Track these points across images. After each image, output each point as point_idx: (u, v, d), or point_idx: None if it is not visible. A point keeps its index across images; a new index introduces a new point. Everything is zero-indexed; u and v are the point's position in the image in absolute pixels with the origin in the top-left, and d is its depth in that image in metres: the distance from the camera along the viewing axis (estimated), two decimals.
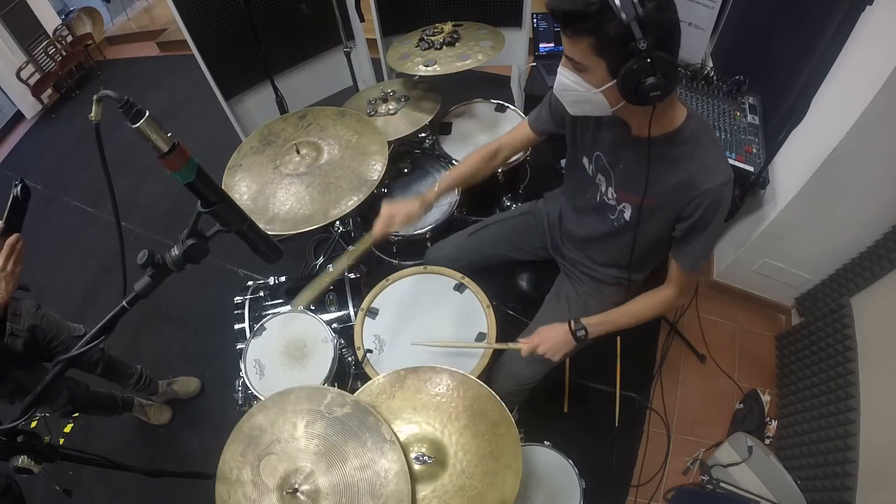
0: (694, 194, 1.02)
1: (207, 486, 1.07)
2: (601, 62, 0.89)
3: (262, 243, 0.91)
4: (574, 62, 0.93)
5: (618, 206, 1.20)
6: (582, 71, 0.93)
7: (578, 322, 1.25)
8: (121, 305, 0.84)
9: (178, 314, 2.42)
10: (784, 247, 1.90)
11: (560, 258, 1.51)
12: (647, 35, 0.82)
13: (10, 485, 1.47)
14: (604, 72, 0.90)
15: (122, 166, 3.14)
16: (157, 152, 0.70)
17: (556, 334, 1.27)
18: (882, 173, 1.52)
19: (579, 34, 0.88)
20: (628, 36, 0.82)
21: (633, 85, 0.87)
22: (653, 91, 0.86)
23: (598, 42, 0.87)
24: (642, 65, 0.84)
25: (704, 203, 1.02)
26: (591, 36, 0.86)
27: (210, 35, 2.04)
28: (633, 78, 0.86)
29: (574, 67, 0.94)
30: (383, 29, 2.34)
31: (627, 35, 0.82)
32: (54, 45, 4.10)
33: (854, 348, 1.62)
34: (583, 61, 0.91)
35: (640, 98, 0.88)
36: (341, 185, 1.58)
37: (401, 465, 1.00)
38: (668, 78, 0.85)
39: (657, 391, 2.00)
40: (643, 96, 0.87)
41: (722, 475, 1.75)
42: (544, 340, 1.27)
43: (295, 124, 1.80)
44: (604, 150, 1.17)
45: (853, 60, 1.48)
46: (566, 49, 0.93)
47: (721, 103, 1.88)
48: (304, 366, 1.42)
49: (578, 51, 0.90)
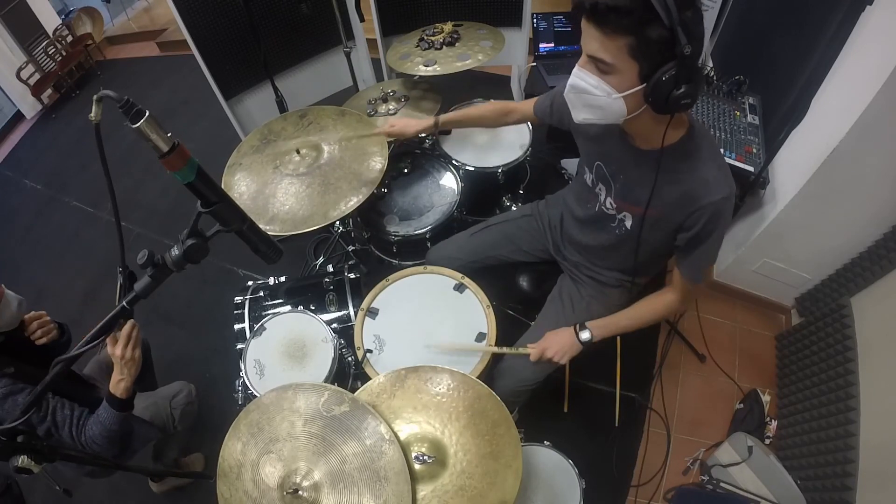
0: (694, 208, 1.01)
1: (208, 486, 1.07)
2: (634, 65, 0.85)
3: (262, 243, 0.91)
4: (600, 63, 0.87)
5: (617, 216, 1.20)
6: (607, 73, 0.88)
7: (584, 326, 1.26)
8: (121, 305, 0.84)
9: (178, 314, 2.42)
10: (784, 247, 1.90)
11: (562, 260, 1.51)
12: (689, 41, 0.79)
13: (10, 485, 1.47)
14: (634, 75, 0.86)
15: (122, 166, 3.14)
16: (157, 152, 0.70)
17: (563, 338, 1.27)
18: (882, 173, 1.52)
19: (618, 32, 0.82)
20: (670, 40, 0.79)
21: (666, 92, 0.83)
22: (684, 99, 0.83)
23: (636, 43, 0.82)
24: (682, 71, 0.81)
25: (704, 217, 1.01)
26: (630, 35, 0.82)
27: (210, 35, 2.04)
28: (667, 85, 0.83)
29: (598, 69, 0.89)
30: (383, 29, 2.34)
31: (669, 39, 0.79)
32: (54, 45, 4.10)
33: (854, 348, 1.62)
34: (614, 62, 0.86)
35: (668, 106, 0.85)
36: (341, 186, 1.58)
37: (401, 464, 1.00)
38: (699, 87, 0.84)
39: (657, 391, 2.00)
40: (673, 104, 0.84)
41: (722, 475, 1.75)
42: (552, 345, 1.28)
43: (295, 123, 1.80)
44: (604, 160, 1.17)
45: (853, 60, 1.48)
46: (592, 48, 0.87)
47: (721, 103, 1.88)
48: (304, 366, 1.42)
49: (611, 50, 0.84)
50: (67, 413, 1.27)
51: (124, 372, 1.23)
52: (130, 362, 1.22)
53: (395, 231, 1.79)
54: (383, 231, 1.81)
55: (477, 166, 1.85)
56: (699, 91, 0.85)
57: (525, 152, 1.87)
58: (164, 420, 1.62)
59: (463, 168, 1.86)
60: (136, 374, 1.26)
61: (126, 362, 1.22)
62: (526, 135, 1.94)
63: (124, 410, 1.28)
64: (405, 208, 1.86)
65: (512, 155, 1.86)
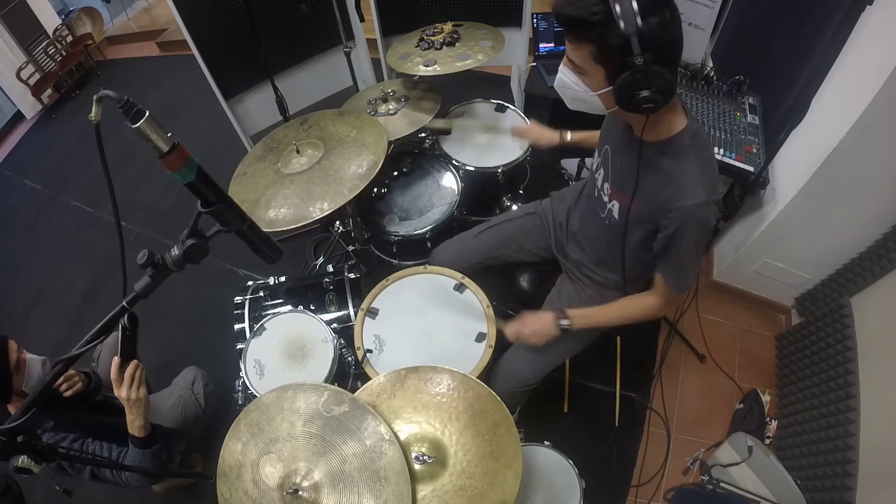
0: (668, 209, 1.03)
1: (208, 486, 1.07)
2: (600, 69, 0.92)
3: (262, 243, 0.91)
4: (574, 64, 0.96)
5: (608, 204, 1.21)
6: (581, 74, 0.96)
7: (565, 313, 1.28)
8: (121, 305, 0.84)
9: (178, 314, 2.42)
10: (784, 247, 1.90)
11: (563, 259, 1.51)
12: (647, 49, 0.83)
13: (10, 485, 1.47)
14: (602, 78, 0.93)
15: (122, 166, 3.14)
16: (157, 152, 0.70)
17: (540, 321, 1.30)
18: (882, 173, 1.52)
19: (581, 40, 0.90)
20: (628, 48, 0.83)
21: (627, 95, 0.89)
22: (646, 103, 0.88)
23: (598, 50, 0.89)
24: (638, 78, 0.86)
25: (675, 222, 1.02)
26: (592, 44, 0.89)
27: (210, 35, 2.04)
28: (627, 89, 0.88)
29: (574, 69, 0.97)
30: (383, 29, 2.34)
31: (627, 47, 0.83)
32: (54, 45, 4.10)
33: (854, 348, 1.62)
34: (583, 65, 0.94)
35: (633, 107, 0.90)
36: (338, 184, 1.58)
37: (401, 464, 1.00)
38: (663, 92, 0.87)
39: (657, 391, 2.00)
40: (636, 106, 0.89)
41: (722, 475, 1.75)
42: (528, 324, 1.30)
43: (296, 129, 1.81)
44: (610, 144, 1.19)
45: (853, 60, 1.48)
46: (568, 51, 0.96)
47: (721, 103, 1.88)
48: (304, 366, 1.42)
49: (579, 55, 0.93)
50: (105, 455, 1.34)
51: (134, 412, 1.26)
52: (136, 402, 1.24)
53: (395, 231, 1.79)
54: (383, 231, 1.81)
55: (477, 166, 1.85)
56: (667, 95, 0.88)
57: (525, 152, 1.87)
58: (194, 409, 1.67)
59: (463, 168, 1.86)
60: (147, 409, 1.29)
61: (133, 403, 1.24)
62: None
63: (150, 447, 1.31)
64: (405, 208, 1.86)
65: (512, 155, 1.86)
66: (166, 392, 1.71)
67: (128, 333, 1.10)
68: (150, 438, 1.31)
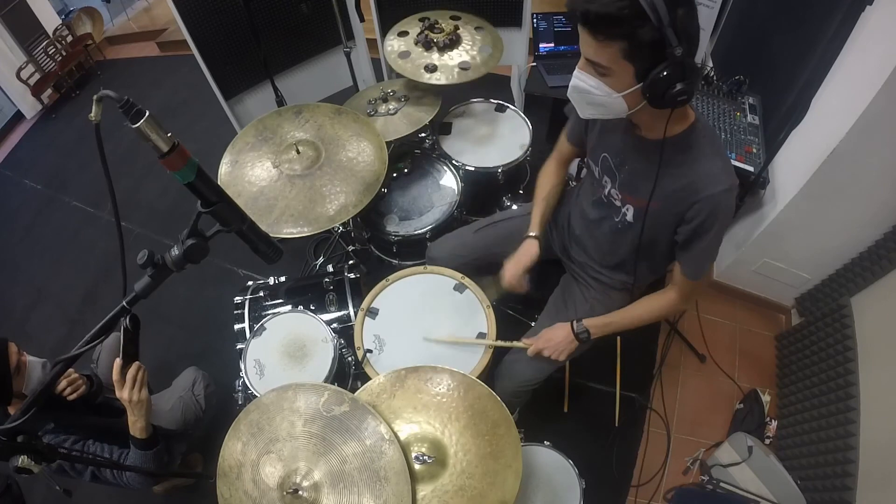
0: (694, 200, 1.02)
1: (207, 486, 1.07)
2: (629, 67, 0.88)
3: (262, 243, 0.91)
4: (597, 66, 0.91)
5: (622, 208, 1.20)
6: (605, 75, 0.92)
7: (580, 323, 1.27)
8: (121, 305, 0.84)
9: (178, 314, 2.42)
10: (784, 247, 1.90)
11: (568, 260, 1.51)
12: (679, 41, 0.82)
13: (10, 485, 1.47)
14: (630, 76, 0.89)
15: (122, 166, 3.13)
16: (157, 152, 0.70)
17: (559, 335, 1.29)
18: (882, 173, 1.52)
19: (611, 38, 0.85)
20: (661, 42, 0.82)
21: (661, 90, 0.86)
22: (680, 96, 0.86)
23: (629, 46, 0.85)
24: (675, 70, 0.84)
25: (705, 210, 1.02)
26: (622, 40, 0.85)
27: (210, 35, 2.04)
28: (662, 83, 0.85)
29: (596, 71, 0.92)
30: (383, 29, 2.33)
31: (660, 41, 0.82)
32: (54, 45, 4.09)
33: (854, 348, 1.62)
34: (609, 65, 0.89)
35: (665, 102, 0.88)
36: (339, 187, 1.57)
37: (401, 464, 1.00)
38: (695, 83, 0.86)
39: (657, 391, 2.00)
40: (670, 100, 0.87)
41: (722, 475, 1.75)
42: (548, 341, 1.29)
43: (290, 120, 1.79)
44: (610, 151, 1.17)
45: (853, 60, 1.48)
46: (588, 53, 0.91)
47: (721, 103, 1.88)
48: (305, 366, 1.42)
49: (606, 55, 0.88)
50: (106, 456, 1.34)
51: (136, 413, 1.26)
52: (138, 404, 1.24)
53: (394, 231, 1.79)
54: (383, 231, 1.81)
55: (477, 166, 1.85)
56: (696, 86, 0.88)
57: (525, 152, 1.87)
58: (194, 411, 1.66)
59: (463, 168, 1.86)
60: (149, 411, 1.29)
61: (134, 404, 1.24)
62: (526, 135, 1.95)
63: (151, 448, 1.31)
64: (405, 208, 1.86)
65: (512, 155, 1.86)
66: (166, 393, 1.71)
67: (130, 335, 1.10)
68: (152, 440, 1.31)
